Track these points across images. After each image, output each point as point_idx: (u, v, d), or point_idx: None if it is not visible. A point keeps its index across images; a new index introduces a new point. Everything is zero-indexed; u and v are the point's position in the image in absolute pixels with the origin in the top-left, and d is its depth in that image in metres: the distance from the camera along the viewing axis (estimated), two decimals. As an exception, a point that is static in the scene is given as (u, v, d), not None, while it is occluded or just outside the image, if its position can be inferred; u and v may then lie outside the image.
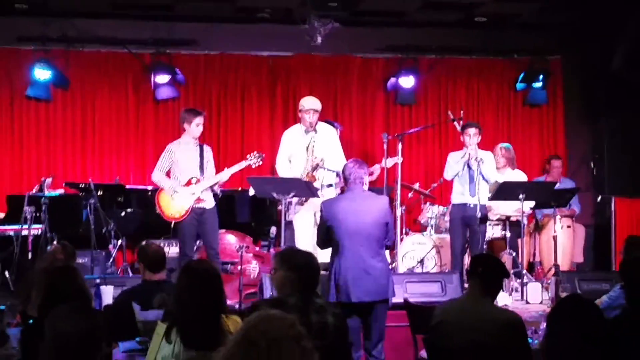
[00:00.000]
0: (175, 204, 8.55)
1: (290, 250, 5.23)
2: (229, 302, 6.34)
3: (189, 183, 8.57)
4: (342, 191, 8.59)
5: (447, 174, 9.17)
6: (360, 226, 6.39)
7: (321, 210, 6.64)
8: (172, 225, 8.72)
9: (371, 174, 9.44)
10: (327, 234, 6.50)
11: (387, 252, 6.83)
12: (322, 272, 7.21)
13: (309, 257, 4.95)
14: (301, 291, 4.68)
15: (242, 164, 8.80)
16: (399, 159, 9.25)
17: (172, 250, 9.42)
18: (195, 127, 8.60)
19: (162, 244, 8.49)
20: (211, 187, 8.67)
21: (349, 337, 5.16)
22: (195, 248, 8.91)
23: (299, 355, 2.67)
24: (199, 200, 8.54)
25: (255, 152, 8.86)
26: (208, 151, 8.85)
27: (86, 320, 3.31)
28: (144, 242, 9.52)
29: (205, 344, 3.95)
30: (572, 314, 3.43)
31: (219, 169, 8.87)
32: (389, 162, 9.14)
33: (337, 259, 6.40)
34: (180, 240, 8.70)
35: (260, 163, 8.85)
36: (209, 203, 8.66)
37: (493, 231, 9.66)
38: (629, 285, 5.08)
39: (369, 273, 6.36)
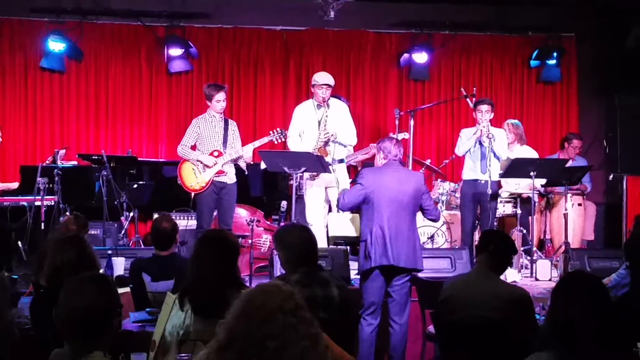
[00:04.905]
0: (196, 175, 8.61)
1: (283, 229, 5.20)
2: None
3: (211, 155, 8.61)
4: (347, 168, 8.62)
5: (459, 150, 9.15)
6: (400, 197, 6.56)
7: (360, 176, 6.73)
8: (193, 197, 8.76)
9: (367, 153, 9.51)
10: (359, 199, 6.61)
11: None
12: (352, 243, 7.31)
13: (300, 233, 4.92)
14: (300, 267, 4.70)
15: (264, 140, 8.85)
16: (405, 135, 9.22)
17: (183, 223, 9.40)
18: (216, 103, 8.63)
19: (175, 217, 8.55)
20: (235, 162, 8.72)
21: (354, 307, 5.21)
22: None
23: (294, 326, 2.69)
24: (220, 172, 8.59)
25: (277, 129, 8.90)
26: (233, 125, 8.89)
27: (103, 292, 3.33)
28: (155, 216, 9.68)
29: (216, 313, 3.90)
30: (576, 289, 3.45)
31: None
32: (399, 137, 9.10)
33: (375, 226, 6.52)
34: (198, 212, 8.74)
35: (283, 140, 8.89)
36: (231, 178, 8.71)
37: (504, 208, 9.64)
38: (633, 263, 5.10)
39: (406, 241, 6.55)
